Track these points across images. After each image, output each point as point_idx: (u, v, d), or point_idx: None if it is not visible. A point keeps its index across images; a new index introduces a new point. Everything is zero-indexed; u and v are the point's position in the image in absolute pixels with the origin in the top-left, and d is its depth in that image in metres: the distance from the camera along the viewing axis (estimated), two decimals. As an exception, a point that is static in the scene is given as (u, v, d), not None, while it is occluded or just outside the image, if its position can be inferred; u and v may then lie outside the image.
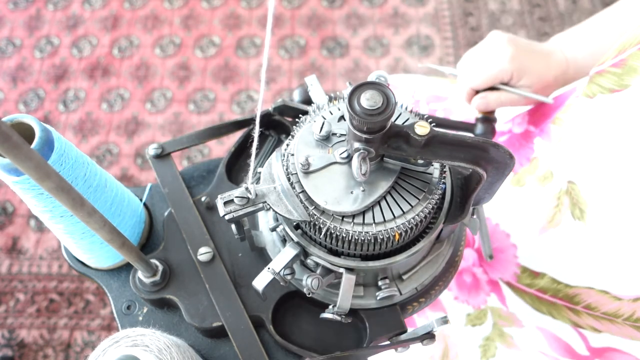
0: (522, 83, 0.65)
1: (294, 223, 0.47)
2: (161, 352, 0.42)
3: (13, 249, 1.51)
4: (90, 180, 0.46)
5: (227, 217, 0.42)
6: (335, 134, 0.44)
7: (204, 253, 0.52)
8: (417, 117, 0.45)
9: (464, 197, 0.47)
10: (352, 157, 0.42)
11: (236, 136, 0.60)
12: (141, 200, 0.57)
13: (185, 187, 0.57)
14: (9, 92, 1.76)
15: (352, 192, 0.42)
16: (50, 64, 1.81)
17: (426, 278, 0.52)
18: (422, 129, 0.38)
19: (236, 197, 0.41)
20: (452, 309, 0.71)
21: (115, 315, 0.53)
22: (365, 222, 0.42)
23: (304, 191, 0.42)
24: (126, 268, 0.55)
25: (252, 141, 0.42)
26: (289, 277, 0.47)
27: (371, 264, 0.46)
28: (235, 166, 0.61)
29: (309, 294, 0.45)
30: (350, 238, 0.42)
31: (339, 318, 0.48)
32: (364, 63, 1.78)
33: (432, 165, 0.44)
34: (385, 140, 0.39)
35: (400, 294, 0.51)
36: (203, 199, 0.55)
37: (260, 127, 0.60)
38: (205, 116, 1.70)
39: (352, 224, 0.42)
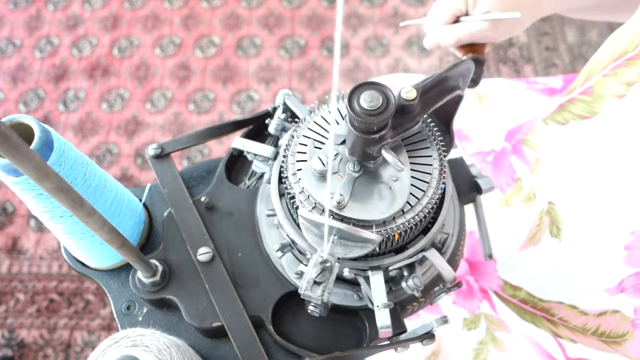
0: (480, 8, 0.57)
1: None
2: (161, 352, 0.42)
3: (13, 249, 1.51)
4: (90, 180, 0.46)
5: (324, 299, 0.40)
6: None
7: (203, 253, 0.52)
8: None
9: (445, 123, 0.48)
10: (365, 165, 0.42)
11: (236, 136, 0.60)
12: (141, 200, 0.57)
13: (185, 187, 0.57)
14: (9, 92, 1.76)
15: (390, 188, 0.41)
16: (50, 64, 1.81)
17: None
18: (410, 92, 0.39)
19: (315, 277, 0.40)
20: (450, 313, 0.72)
21: (115, 315, 0.53)
22: (419, 200, 0.42)
23: (355, 221, 0.41)
24: (126, 268, 0.55)
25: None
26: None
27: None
28: (235, 166, 0.61)
29: (419, 296, 0.45)
30: (417, 224, 0.43)
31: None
32: (364, 63, 1.78)
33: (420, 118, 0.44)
34: (391, 127, 0.40)
35: None
36: (203, 199, 0.55)
37: (260, 126, 0.60)
38: (205, 116, 1.70)
39: (412, 210, 0.42)
